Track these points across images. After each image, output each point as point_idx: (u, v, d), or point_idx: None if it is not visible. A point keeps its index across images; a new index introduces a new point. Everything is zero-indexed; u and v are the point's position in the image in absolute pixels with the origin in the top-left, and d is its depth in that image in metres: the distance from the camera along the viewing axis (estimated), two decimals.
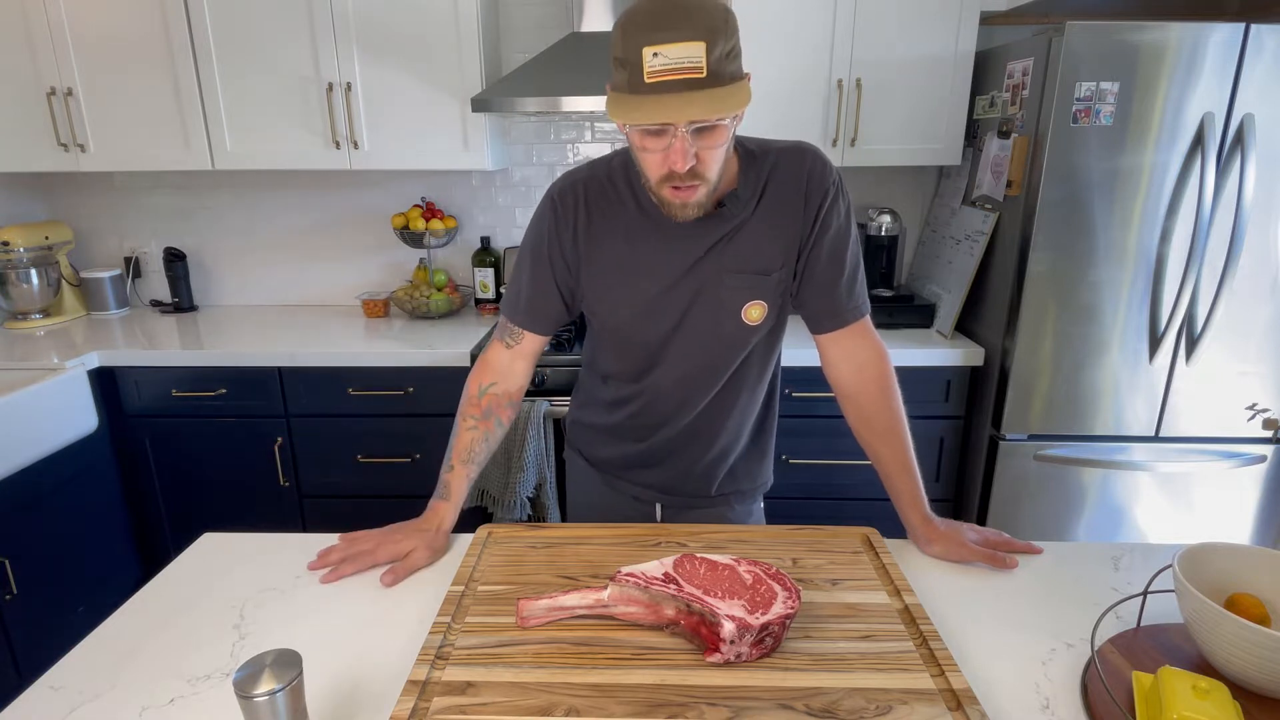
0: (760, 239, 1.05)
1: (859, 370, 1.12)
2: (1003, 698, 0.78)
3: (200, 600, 0.95)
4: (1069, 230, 1.86)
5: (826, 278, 1.08)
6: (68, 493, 2.01)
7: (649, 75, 0.84)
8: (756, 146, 1.06)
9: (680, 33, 0.83)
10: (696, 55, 0.83)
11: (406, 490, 2.24)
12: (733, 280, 1.06)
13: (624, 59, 0.86)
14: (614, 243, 1.06)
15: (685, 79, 0.84)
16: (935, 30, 2.11)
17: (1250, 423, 1.99)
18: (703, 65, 0.83)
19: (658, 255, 1.05)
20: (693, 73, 0.83)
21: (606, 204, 1.06)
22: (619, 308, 1.09)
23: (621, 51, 0.86)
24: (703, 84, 0.84)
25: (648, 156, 0.92)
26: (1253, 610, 0.79)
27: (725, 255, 1.05)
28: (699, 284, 1.06)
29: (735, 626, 0.77)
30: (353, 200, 2.61)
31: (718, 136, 0.90)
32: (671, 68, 0.83)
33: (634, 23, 0.85)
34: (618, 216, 1.06)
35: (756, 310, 1.08)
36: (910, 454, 1.09)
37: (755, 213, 1.05)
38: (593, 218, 1.06)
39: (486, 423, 1.14)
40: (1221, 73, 1.74)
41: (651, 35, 0.83)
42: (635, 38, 0.84)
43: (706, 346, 1.10)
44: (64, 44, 2.15)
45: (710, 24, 0.83)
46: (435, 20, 2.13)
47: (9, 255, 2.37)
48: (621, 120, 0.88)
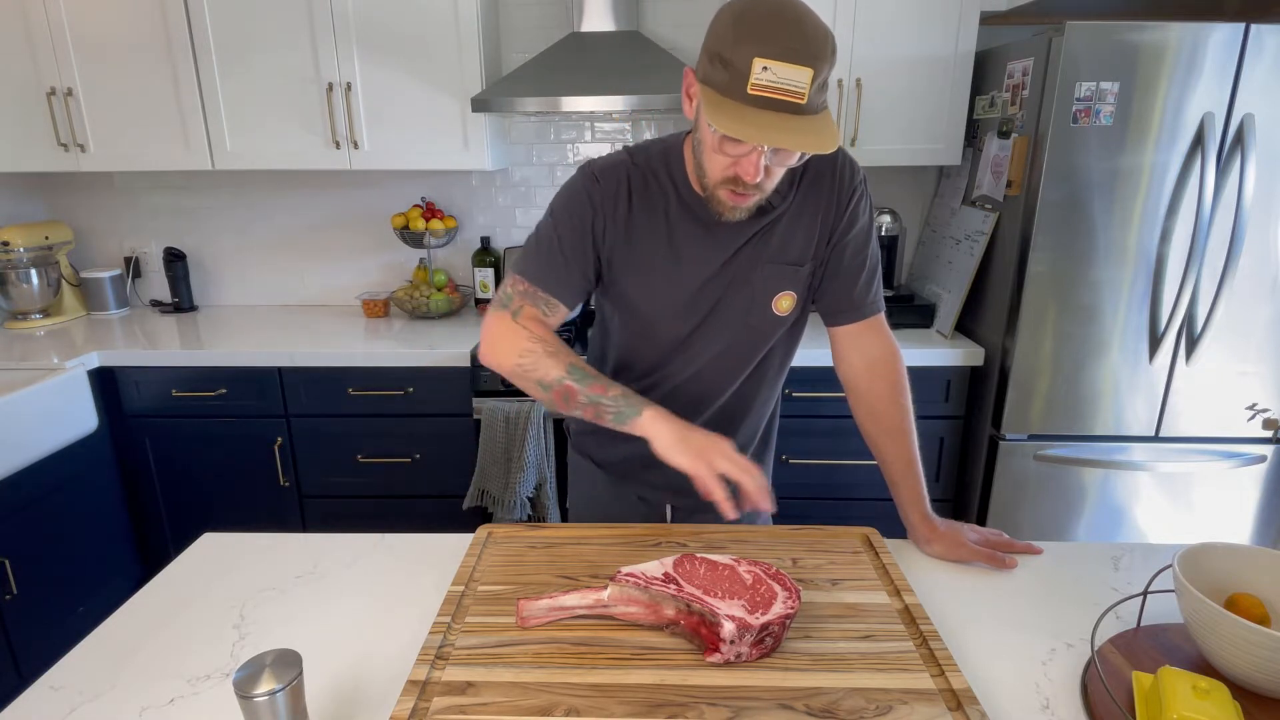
0: (795, 231, 1.06)
1: (871, 366, 1.12)
2: (1003, 698, 0.78)
3: (200, 600, 0.95)
4: (1069, 230, 1.86)
5: (848, 271, 1.09)
6: (68, 493, 2.01)
7: (753, 88, 0.82)
8: None
9: (796, 53, 0.81)
10: (803, 81, 0.81)
11: (406, 490, 2.24)
12: (767, 270, 1.06)
13: (729, 60, 0.83)
14: (655, 234, 1.05)
15: (787, 101, 0.82)
16: (935, 30, 2.11)
17: (1250, 423, 1.99)
18: (805, 92, 0.82)
19: (698, 247, 1.05)
20: (795, 98, 0.82)
21: (649, 194, 1.05)
22: (655, 298, 1.08)
23: (729, 52, 0.83)
24: (800, 110, 0.83)
25: (718, 158, 0.92)
26: (1253, 610, 0.79)
27: (762, 246, 1.05)
28: (734, 274, 1.06)
29: (735, 626, 0.77)
30: (353, 200, 2.61)
31: (792, 159, 0.91)
32: (777, 86, 0.82)
33: (749, 25, 0.82)
34: (659, 208, 1.05)
35: (787, 301, 1.08)
36: (915, 453, 1.10)
37: (791, 205, 1.05)
38: (635, 205, 1.05)
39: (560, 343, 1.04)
40: (1221, 73, 1.74)
41: (767, 47, 0.81)
42: (749, 45, 0.81)
43: (733, 337, 1.10)
44: (64, 44, 2.15)
45: (821, 50, 0.82)
46: (435, 20, 2.13)
47: (9, 255, 2.37)
48: (717, 126, 0.84)
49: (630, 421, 0.96)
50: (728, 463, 0.92)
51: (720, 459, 0.92)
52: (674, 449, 0.93)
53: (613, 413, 0.97)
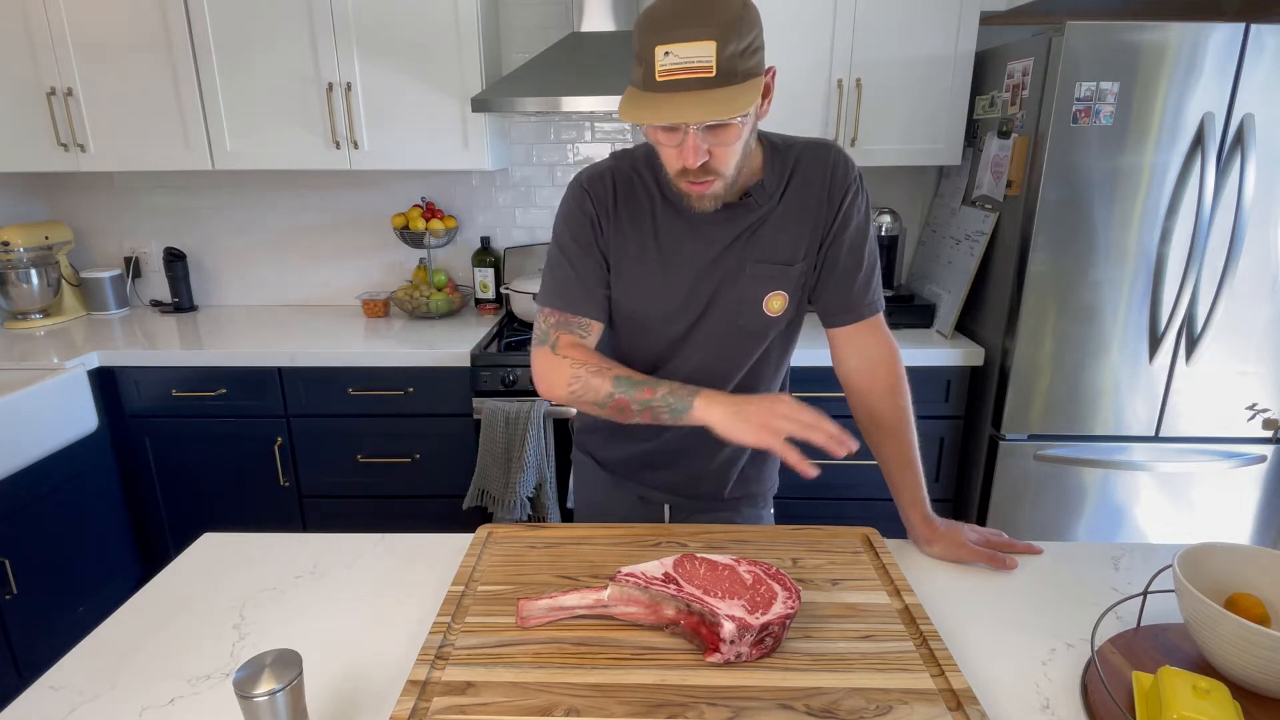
0: (784, 230, 1.06)
1: (869, 367, 1.12)
2: (1003, 698, 0.78)
3: (200, 600, 0.95)
4: (1069, 230, 1.86)
5: (844, 271, 1.09)
6: (68, 493, 2.01)
7: (660, 74, 0.85)
8: (780, 141, 1.07)
9: (692, 31, 0.83)
10: (706, 55, 0.83)
11: (406, 490, 2.24)
12: (756, 270, 1.06)
13: (641, 56, 0.87)
14: (641, 233, 1.06)
15: (695, 78, 0.84)
16: (935, 30, 2.11)
17: (1250, 423, 1.99)
18: (712, 65, 0.84)
19: (684, 245, 1.06)
20: (702, 72, 0.84)
21: (634, 194, 1.07)
22: (645, 297, 1.09)
23: (639, 47, 0.87)
24: (712, 83, 0.85)
25: (664, 150, 0.94)
26: (1253, 610, 0.79)
27: (750, 246, 1.05)
28: (723, 274, 1.06)
29: (735, 626, 0.77)
30: (353, 200, 2.61)
31: (729, 134, 0.91)
32: (681, 67, 0.84)
33: (650, 19, 0.86)
34: (644, 207, 1.06)
35: (778, 301, 1.08)
36: (915, 454, 1.10)
37: (780, 204, 1.05)
38: (620, 207, 1.06)
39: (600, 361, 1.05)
40: (1221, 73, 1.74)
41: (664, 34, 0.84)
42: (649, 35, 0.85)
43: (726, 337, 1.10)
44: (64, 44, 2.15)
45: (724, 20, 0.83)
46: (435, 20, 2.13)
47: (9, 255, 2.37)
48: (630, 119, 0.89)
49: (685, 415, 0.96)
50: (791, 424, 0.91)
51: (781, 422, 0.91)
52: (733, 429, 0.93)
53: (667, 411, 0.97)
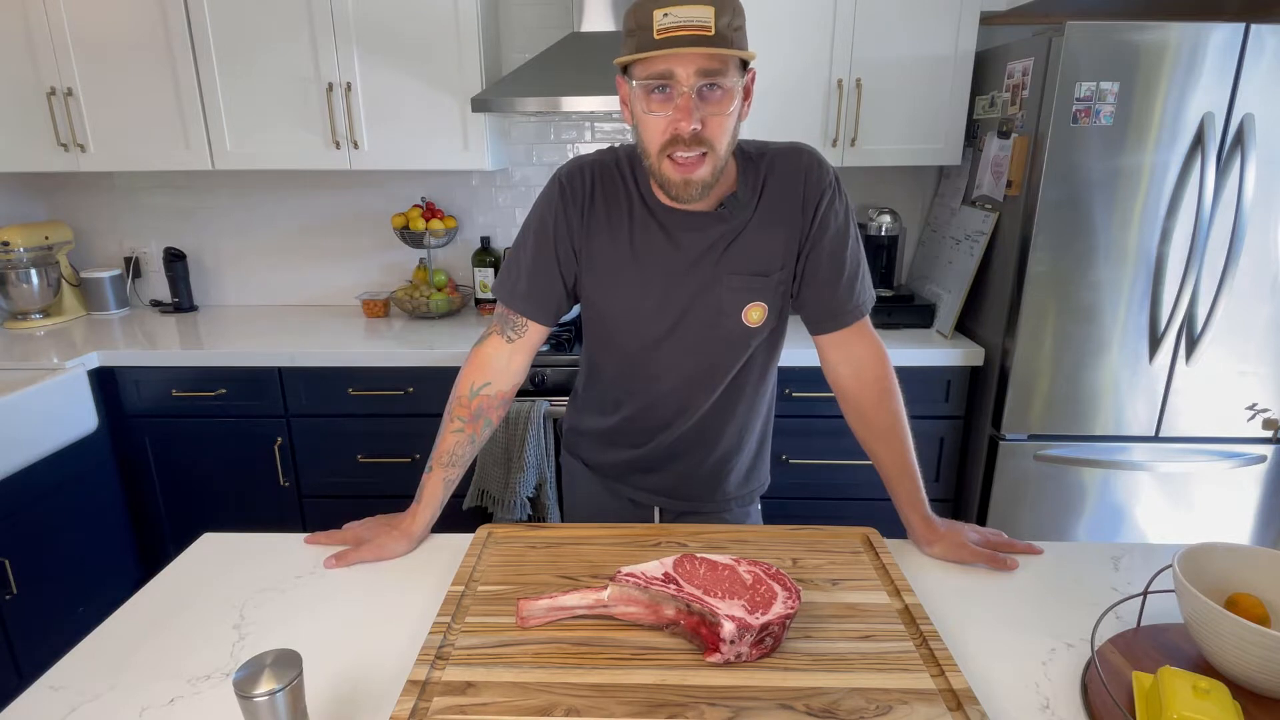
0: (760, 241, 1.05)
1: (858, 371, 1.11)
2: (1003, 698, 0.78)
3: (200, 600, 0.95)
4: (1069, 230, 1.86)
5: (826, 278, 1.08)
6: (68, 493, 2.01)
7: (659, 32, 0.87)
8: (754, 149, 1.06)
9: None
10: (704, 16, 0.86)
11: (406, 490, 2.20)
12: (733, 282, 1.05)
13: (635, 28, 0.89)
14: (617, 233, 1.06)
15: (694, 35, 0.86)
16: (935, 30, 2.11)
17: (1250, 423, 1.99)
18: (711, 25, 0.86)
19: (658, 250, 1.05)
20: (702, 30, 0.86)
21: (613, 192, 1.06)
22: (616, 301, 1.08)
23: (633, 22, 0.89)
24: (711, 41, 0.87)
25: (652, 120, 0.93)
26: (1253, 610, 0.79)
27: (726, 258, 1.05)
28: (698, 284, 1.06)
29: (735, 626, 0.77)
30: (353, 200, 2.61)
31: (724, 102, 0.91)
32: (680, 24, 0.86)
33: None
34: (621, 207, 1.06)
35: (757, 312, 1.07)
36: (910, 455, 1.09)
37: (755, 215, 1.04)
38: (597, 204, 1.06)
39: (474, 425, 1.13)
40: (1221, 73, 1.74)
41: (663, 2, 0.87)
42: (647, 6, 0.88)
43: (706, 347, 1.09)
44: (64, 44, 2.15)
45: None
46: (435, 20, 2.13)
47: (9, 255, 2.36)
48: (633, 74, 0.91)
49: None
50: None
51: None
52: None
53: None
